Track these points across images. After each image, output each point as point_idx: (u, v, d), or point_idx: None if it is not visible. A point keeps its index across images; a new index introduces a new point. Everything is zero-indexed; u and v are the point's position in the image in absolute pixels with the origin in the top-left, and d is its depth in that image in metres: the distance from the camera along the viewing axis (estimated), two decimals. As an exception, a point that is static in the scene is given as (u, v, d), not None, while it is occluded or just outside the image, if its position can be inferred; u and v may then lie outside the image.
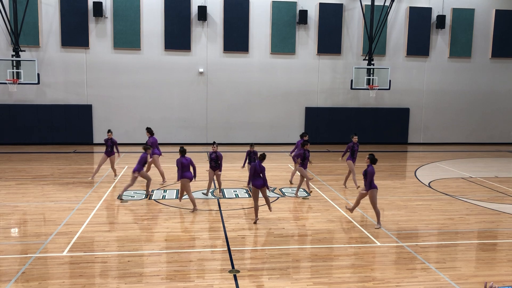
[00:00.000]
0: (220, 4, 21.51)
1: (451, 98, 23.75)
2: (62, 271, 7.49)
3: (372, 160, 9.85)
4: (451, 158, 19.44)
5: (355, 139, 13.33)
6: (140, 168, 11.67)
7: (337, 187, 13.64)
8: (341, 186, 13.69)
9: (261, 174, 9.93)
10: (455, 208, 11.62)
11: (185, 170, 10.68)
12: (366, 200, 12.27)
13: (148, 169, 14.04)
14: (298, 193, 12.47)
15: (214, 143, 12.18)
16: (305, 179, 12.32)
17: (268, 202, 10.26)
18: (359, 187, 13.00)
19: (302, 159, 12.28)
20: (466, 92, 23.80)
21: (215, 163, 12.06)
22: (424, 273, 7.65)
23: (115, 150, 14.18)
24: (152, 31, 21.27)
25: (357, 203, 10.26)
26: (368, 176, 9.65)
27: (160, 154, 13.99)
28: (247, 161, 13.03)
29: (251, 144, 13.07)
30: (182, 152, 10.83)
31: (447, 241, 9.27)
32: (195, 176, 10.88)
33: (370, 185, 9.68)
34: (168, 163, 16.39)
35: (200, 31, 21.60)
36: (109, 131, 14.41)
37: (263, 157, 10.14)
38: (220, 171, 12.10)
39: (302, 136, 13.45)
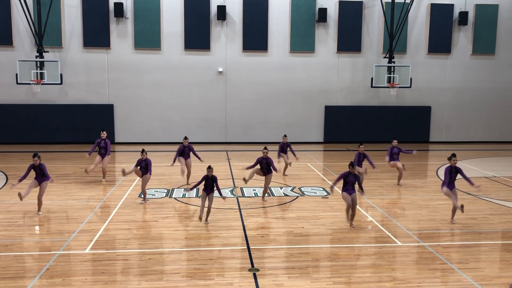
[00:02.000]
0: (239, 3, 21.55)
1: (473, 96, 23.33)
2: (84, 268, 7.62)
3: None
4: (474, 157, 19.10)
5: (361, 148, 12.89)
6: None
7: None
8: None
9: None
10: (478, 208, 11.42)
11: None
12: (386, 200, 12.17)
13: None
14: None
15: (265, 148, 11.84)
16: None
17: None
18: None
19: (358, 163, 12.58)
20: (490, 89, 23.34)
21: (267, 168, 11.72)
22: (446, 273, 7.54)
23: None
24: (172, 31, 21.44)
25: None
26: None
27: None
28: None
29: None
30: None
31: (470, 241, 9.11)
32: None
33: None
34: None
35: (219, 31, 21.69)
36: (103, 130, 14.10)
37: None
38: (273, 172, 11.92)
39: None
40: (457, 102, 23.30)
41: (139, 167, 11.54)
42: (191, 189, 10.10)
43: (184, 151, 13.48)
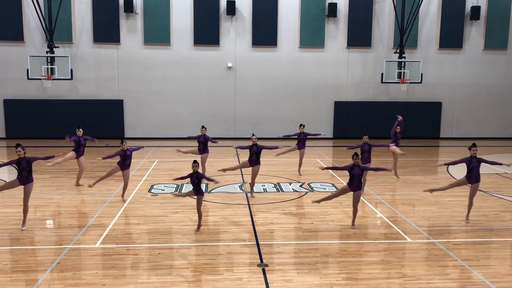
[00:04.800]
0: (248, -2, 21.51)
1: (485, 92, 23.09)
2: (95, 262, 7.68)
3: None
4: (485, 153, 18.87)
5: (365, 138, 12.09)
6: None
7: (367, 182, 13.42)
8: (371, 181, 13.48)
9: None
10: (489, 205, 11.31)
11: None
12: (396, 196, 12.10)
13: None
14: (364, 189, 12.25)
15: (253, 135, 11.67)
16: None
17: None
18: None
19: (361, 153, 11.84)
20: (501, 85, 23.09)
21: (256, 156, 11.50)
22: (457, 270, 7.48)
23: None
24: (182, 26, 21.46)
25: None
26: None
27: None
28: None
29: None
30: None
31: (480, 238, 9.03)
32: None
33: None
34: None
35: (228, 26, 21.65)
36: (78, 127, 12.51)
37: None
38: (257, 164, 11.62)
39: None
40: (468, 98, 23.08)
41: (120, 157, 10.83)
42: (175, 179, 9.46)
43: (200, 140, 13.19)
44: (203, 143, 13.26)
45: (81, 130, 12.74)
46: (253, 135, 11.67)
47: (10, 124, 21.35)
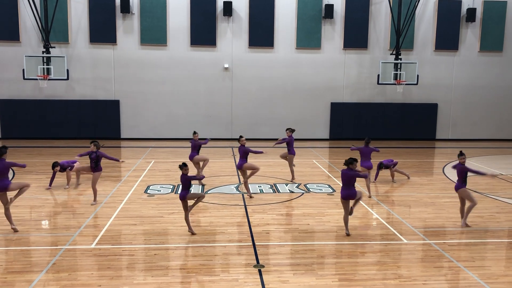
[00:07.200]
0: (245, -1, 21.52)
1: (481, 93, 23.18)
2: (90, 263, 7.66)
3: None
4: (481, 155, 18.99)
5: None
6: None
7: (363, 183, 13.47)
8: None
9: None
10: (484, 206, 11.34)
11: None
12: (392, 197, 12.13)
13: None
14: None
15: (241, 137, 11.80)
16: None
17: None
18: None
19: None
20: (497, 87, 23.18)
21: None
22: (452, 271, 7.51)
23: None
24: (178, 27, 21.45)
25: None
26: None
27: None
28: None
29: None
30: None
31: (476, 239, 9.06)
32: None
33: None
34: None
35: (225, 27, 21.66)
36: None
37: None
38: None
39: None
40: (464, 100, 23.17)
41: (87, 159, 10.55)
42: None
43: (194, 146, 13.29)
44: (196, 150, 13.38)
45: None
46: (240, 136, 11.73)
47: (5, 124, 21.28)
